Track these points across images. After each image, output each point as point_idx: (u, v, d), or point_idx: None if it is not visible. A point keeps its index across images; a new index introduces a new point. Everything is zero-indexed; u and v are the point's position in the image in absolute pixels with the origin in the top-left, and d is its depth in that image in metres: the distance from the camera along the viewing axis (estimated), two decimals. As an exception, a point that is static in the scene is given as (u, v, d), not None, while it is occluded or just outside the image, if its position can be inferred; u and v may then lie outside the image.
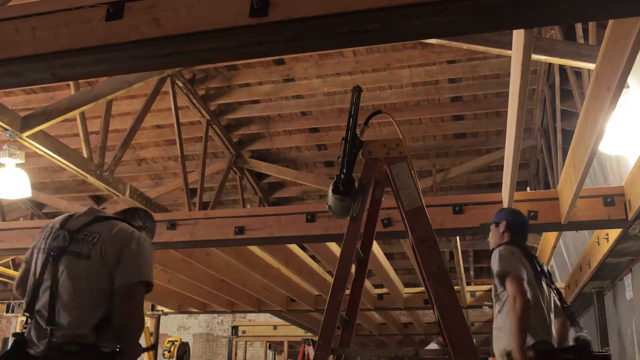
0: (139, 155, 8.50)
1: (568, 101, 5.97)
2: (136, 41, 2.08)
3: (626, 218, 4.17)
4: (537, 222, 4.45)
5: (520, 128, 3.10)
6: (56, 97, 6.67)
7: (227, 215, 5.17)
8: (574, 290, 6.98)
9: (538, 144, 7.77)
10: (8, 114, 4.07)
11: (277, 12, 1.94)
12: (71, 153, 4.79)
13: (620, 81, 2.37)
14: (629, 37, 2.13)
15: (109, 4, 2.11)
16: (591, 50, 3.68)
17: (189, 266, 7.02)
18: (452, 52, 6.25)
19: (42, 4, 2.23)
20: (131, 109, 7.03)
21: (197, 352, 15.83)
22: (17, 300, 10.19)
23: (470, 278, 11.82)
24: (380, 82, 6.77)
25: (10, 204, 8.67)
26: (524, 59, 2.45)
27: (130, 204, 5.84)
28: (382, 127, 7.56)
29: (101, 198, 9.73)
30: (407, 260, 6.13)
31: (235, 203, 9.59)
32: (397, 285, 7.93)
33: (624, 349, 6.28)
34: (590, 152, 3.12)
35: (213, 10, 2.02)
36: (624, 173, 4.36)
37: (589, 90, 2.96)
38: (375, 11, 1.85)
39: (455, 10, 1.83)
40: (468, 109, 7.21)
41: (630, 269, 5.66)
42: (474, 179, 8.76)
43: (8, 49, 2.20)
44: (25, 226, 5.80)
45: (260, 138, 8.13)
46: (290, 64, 6.60)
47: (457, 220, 4.62)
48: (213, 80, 6.97)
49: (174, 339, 9.89)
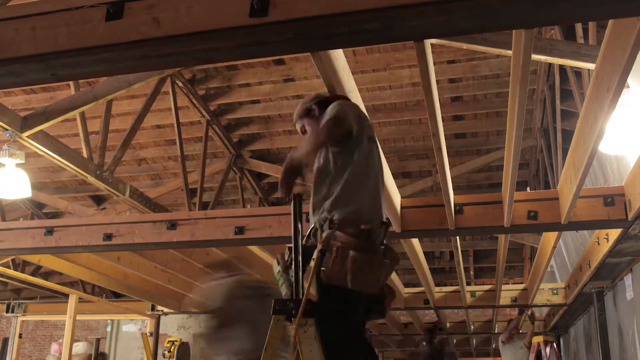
0: (139, 155, 8.50)
1: (568, 101, 5.97)
2: (136, 41, 2.08)
3: (626, 218, 4.17)
4: (537, 222, 4.45)
5: (520, 128, 3.10)
6: (56, 97, 6.67)
7: (227, 215, 5.17)
8: (574, 290, 6.98)
9: (538, 144, 7.77)
10: (8, 114, 4.06)
11: (277, 12, 1.94)
12: (71, 153, 4.79)
13: (620, 81, 2.37)
14: (629, 37, 2.13)
15: (109, 4, 2.11)
16: (591, 50, 3.68)
17: (189, 266, 7.03)
18: (452, 52, 6.25)
19: (42, 4, 2.23)
20: (131, 109, 7.03)
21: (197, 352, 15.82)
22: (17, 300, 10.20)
23: (470, 278, 11.83)
24: (380, 82, 6.77)
25: (10, 204, 8.66)
26: (524, 59, 2.45)
27: (130, 203, 5.85)
28: (382, 127, 7.56)
29: (101, 198, 9.73)
30: (407, 260, 6.13)
31: (235, 203, 9.59)
32: (397, 285, 7.93)
33: (624, 349, 6.28)
34: (590, 152, 3.12)
35: (213, 10, 2.02)
36: (624, 173, 4.36)
37: (589, 90, 2.96)
38: (375, 11, 1.86)
39: (455, 10, 1.83)
40: (468, 109, 7.22)
41: (631, 269, 5.66)
42: (474, 179, 8.76)
43: (8, 49, 2.20)
44: (25, 226, 5.80)
45: (260, 138, 8.13)
46: (290, 64, 6.60)
47: (457, 220, 4.62)
48: (213, 80, 6.97)
49: (174, 339, 9.89)
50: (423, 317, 11.46)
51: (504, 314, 12.47)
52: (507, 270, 11.13)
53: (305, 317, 2.19)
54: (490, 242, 10.68)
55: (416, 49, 2.44)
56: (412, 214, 4.77)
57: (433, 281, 8.08)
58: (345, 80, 2.78)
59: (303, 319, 2.18)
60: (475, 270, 12.07)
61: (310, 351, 2.15)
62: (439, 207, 4.61)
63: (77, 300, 8.42)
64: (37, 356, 14.73)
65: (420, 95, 6.99)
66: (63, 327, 8.90)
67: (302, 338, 2.18)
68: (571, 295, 7.38)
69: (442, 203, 4.41)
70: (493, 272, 9.08)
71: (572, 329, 10.13)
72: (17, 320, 9.72)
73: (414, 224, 4.75)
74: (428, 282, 7.45)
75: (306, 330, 2.18)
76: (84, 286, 11.46)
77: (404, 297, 8.56)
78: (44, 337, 15.80)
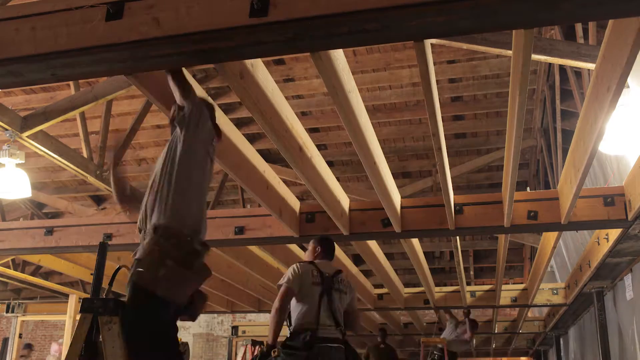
0: (139, 155, 8.50)
1: (568, 101, 5.97)
2: (136, 41, 2.08)
3: (626, 218, 4.17)
4: (537, 222, 4.45)
5: (520, 128, 3.10)
6: (56, 97, 6.66)
7: (227, 215, 5.17)
8: (574, 290, 6.99)
9: (538, 144, 7.77)
10: (8, 114, 4.06)
11: (277, 12, 1.94)
12: (71, 153, 4.79)
13: (620, 81, 2.37)
14: (629, 37, 2.13)
15: (109, 4, 2.11)
16: (591, 50, 3.68)
17: (189, 266, 7.02)
18: (452, 52, 6.25)
19: (42, 4, 2.23)
20: (131, 109, 7.03)
21: (197, 352, 15.83)
22: (17, 300, 10.20)
23: (470, 278, 11.83)
24: (380, 82, 6.76)
25: (10, 204, 8.66)
26: (524, 59, 2.45)
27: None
28: (382, 127, 7.56)
29: (101, 198, 9.73)
30: (407, 260, 6.13)
31: (235, 203, 9.58)
32: (397, 285, 7.93)
33: (624, 349, 6.28)
34: (590, 152, 3.12)
35: (213, 10, 2.02)
36: (624, 173, 4.36)
37: (589, 90, 2.96)
38: (375, 11, 1.85)
39: (455, 10, 1.83)
40: (468, 109, 7.21)
41: (631, 269, 5.66)
42: (474, 179, 8.75)
43: (8, 49, 2.20)
44: (25, 226, 5.80)
45: (260, 138, 8.12)
46: (290, 64, 6.59)
47: (457, 220, 4.62)
48: (213, 80, 6.96)
49: (173, 339, 9.87)
50: (423, 317, 11.46)
51: (504, 314, 12.48)
52: (507, 270, 11.14)
53: (110, 315, 2.34)
54: (490, 242, 10.67)
55: (416, 49, 2.44)
56: (412, 214, 4.77)
57: (433, 281, 8.08)
58: (345, 80, 2.79)
59: (107, 317, 2.33)
60: (475, 270, 12.07)
61: (113, 347, 2.29)
62: (439, 207, 4.61)
63: (77, 300, 8.43)
64: (37, 356, 14.73)
65: (420, 95, 6.99)
66: (63, 327, 8.90)
67: (106, 335, 2.32)
68: (571, 295, 7.38)
69: (442, 203, 4.41)
70: (493, 272, 9.08)
71: (572, 329, 10.13)
72: (17, 320, 9.72)
73: (414, 224, 4.76)
74: (428, 282, 7.46)
75: (110, 327, 2.32)
76: (84, 286, 11.45)
77: (404, 297, 8.57)
78: (44, 337, 15.81)
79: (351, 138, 3.23)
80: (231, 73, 2.53)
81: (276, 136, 3.13)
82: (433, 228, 4.74)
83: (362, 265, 8.09)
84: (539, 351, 14.13)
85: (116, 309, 2.36)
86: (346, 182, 8.69)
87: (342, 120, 3.01)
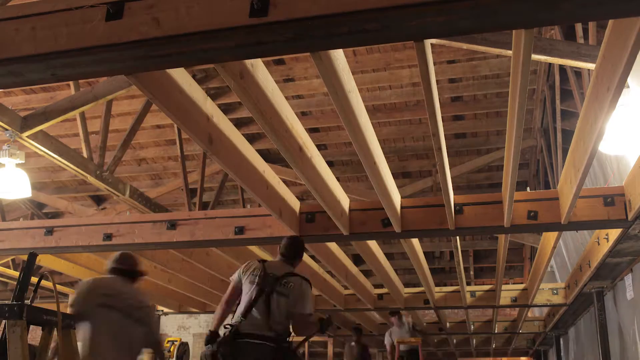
0: (139, 155, 8.50)
1: (568, 101, 5.97)
2: (136, 41, 2.08)
3: (626, 218, 4.17)
4: (537, 222, 4.45)
5: (520, 128, 3.10)
6: (56, 97, 6.66)
7: (227, 215, 5.17)
8: (574, 290, 6.99)
9: (538, 144, 7.78)
10: (8, 114, 4.06)
11: (277, 12, 1.94)
12: (71, 153, 4.79)
13: (620, 81, 2.37)
14: (629, 37, 2.13)
15: (109, 4, 2.11)
16: (591, 50, 3.68)
17: (189, 266, 7.03)
18: (452, 52, 6.25)
19: (42, 4, 2.23)
20: (131, 109, 7.03)
21: (197, 352, 15.79)
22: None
23: (470, 278, 11.83)
24: (380, 82, 6.77)
25: (10, 204, 8.66)
26: (524, 59, 2.45)
27: (130, 203, 5.85)
28: (382, 127, 7.56)
29: (101, 198, 9.73)
30: (407, 260, 6.14)
31: (235, 203, 9.59)
32: (397, 285, 7.93)
33: (625, 348, 6.28)
34: (590, 152, 3.12)
35: (213, 10, 2.02)
36: (624, 173, 4.36)
37: (589, 90, 2.96)
38: (375, 11, 1.85)
39: (455, 10, 1.83)
40: (468, 109, 7.21)
41: (631, 269, 5.66)
42: (474, 179, 8.76)
43: (8, 49, 2.20)
44: (25, 226, 5.80)
45: (260, 138, 8.12)
46: (290, 64, 6.60)
47: (457, 220, 4.62)
48: (213, 80, 6.96)
49: (173, 339, 9.89)
50: (423, 317, 11.46)
51: (504, 314, 12.48)
52: (507, 270, 11.14)
53: (14, 319, 2.60)
54: (490, 242, 10.68)
55: (416, 49, 2.44)
56: (412, 214, 4.77)
57: (433, 281, 8.08)
58: (345, 80, 2.79)
59: (13, 321, 2.59)
60: (475, 270, 12.08)
61: (15, 349, 2.53)
62: (439, 207, 4.61)
63: (77, 300, 8.41)
64: (37, 356, 14.73)
65: (420, 95, 6.99)
66: (63, 327, 8.87)
67: (11, 337, 2.55)
68: (571, 295, 7.38)
69: (442, 203, 4.41)
70: (493, 272, 9.08)
71: (572, 329, 10.13)
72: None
73: (414, 224, 4.76)
74: (428, 282, 7.46)
75: (14, 330, 2.55)
76: (84, 286, 11.44)
77: (404, 297, 8.57)
78: (44, 337, 15.77)
79: (351, 138, 3.23)
80: (231, 73, 2.53)
81: (276, 136, 3.13)
82: (433, 228, 4.74)
83: (362, 265, 8.09)
84: (539, 351, 14.13)
85: (20, 314, 2.61)
86: (346, 182, 8.69)
87: (342, 120, 3.00)
